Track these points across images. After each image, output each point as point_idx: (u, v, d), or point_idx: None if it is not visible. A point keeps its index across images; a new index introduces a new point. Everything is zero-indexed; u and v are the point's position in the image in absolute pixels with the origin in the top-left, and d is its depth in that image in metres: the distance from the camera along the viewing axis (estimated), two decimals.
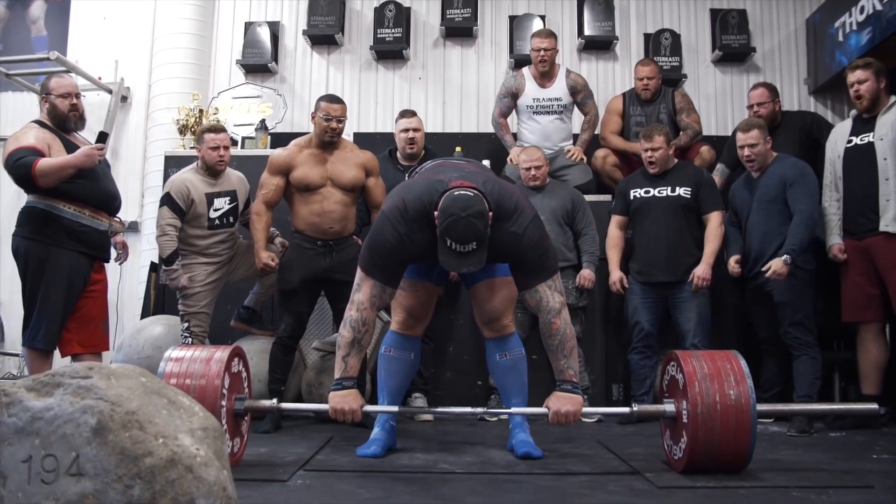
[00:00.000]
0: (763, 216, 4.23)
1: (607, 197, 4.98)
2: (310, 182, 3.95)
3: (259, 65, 6.38)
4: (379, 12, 6.42)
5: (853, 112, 4.30)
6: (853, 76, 4.18)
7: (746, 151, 4.25)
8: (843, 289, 4.24)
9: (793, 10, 6.53)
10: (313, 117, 4.02)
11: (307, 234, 3.99)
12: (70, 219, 3.82)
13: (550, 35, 5.21)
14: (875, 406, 3.05)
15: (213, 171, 4.27)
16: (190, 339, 4.12)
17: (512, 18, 6.48)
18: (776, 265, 3.99)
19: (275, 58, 6.44)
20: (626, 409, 2.93)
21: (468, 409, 3.09)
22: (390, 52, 6.42)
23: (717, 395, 2.63)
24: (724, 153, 5.03)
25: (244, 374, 3.01)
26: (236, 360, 2.91)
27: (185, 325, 4.19)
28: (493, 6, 6.58)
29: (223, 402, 2.72)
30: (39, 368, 3.78)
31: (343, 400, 2.81)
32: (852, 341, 4.32)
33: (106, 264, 4.18)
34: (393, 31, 6.36)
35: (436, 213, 2.71)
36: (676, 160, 4.57)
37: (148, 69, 6.46)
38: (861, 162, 4.12)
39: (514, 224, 2.83)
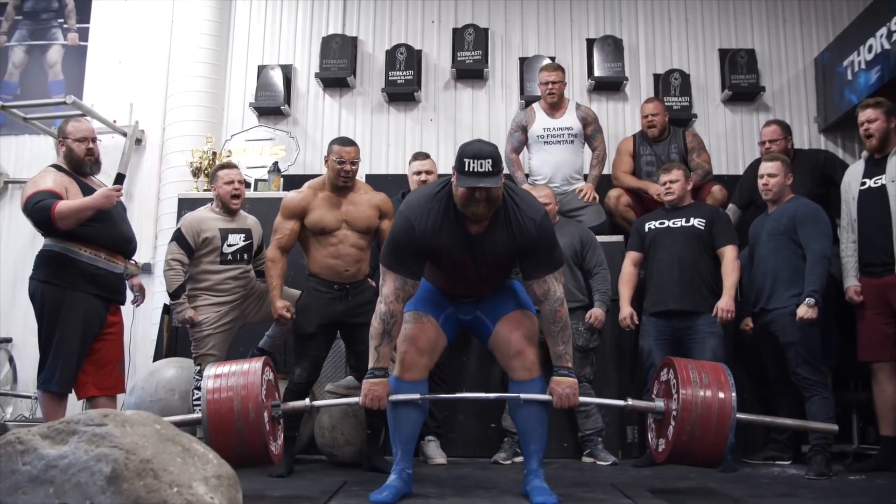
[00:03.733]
0: (770, 251, 4.23)
1: (620, 237, 4.97)
2: (325, 225, 3.93)
3: (272, 107, 6.45)
4: (390, 55, 6.50)
5: (865, 153, 4.30)
6: (863, 115, 4.19)
7: (765, 180, 4.27)
8: (858, 328, 4.21)
9: (801, 50, 6.58)
10: (326, 161, 4.00)
11: (323, 277, 3.96)
12: (86, 262, 3.83)
13: (558, 68, 5.26)
14: (835, 427, 3.28)
15: (228, 209, 4.30)
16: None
17: (522, 60, 6.54)
18: (802, 311, 3.95)
19: (287, 100, 6.51)
20: (620, 402, 3.17)
21: (482, 395, 3.30)
22: (402, 95, 6.49)
23: (705, 398, 2.92)
24: (736, 194, 5.03)
25: (274, 382, 3.22)
26: (267, 369, 3.13)
27: (198, 367, 4.18)
28: (503, 48, 6.65)
29: (265, 410, 2.94)
30: (54, 412, 3.77)
31: (374, 388, 3.00)
32: (869, 381, 4.27)
33: (121, 306, 4.18)
34: (404, 73, 6.44)
35: (452, 168, 2.91)
36: (693, 200, 4.57)
37: (162, 112, 6.55)
38: (875, 204, 4.11)
39: (532, 210, 3.01)
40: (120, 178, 4.08)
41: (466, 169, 2.81)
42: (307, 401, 3.17)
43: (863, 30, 5.66)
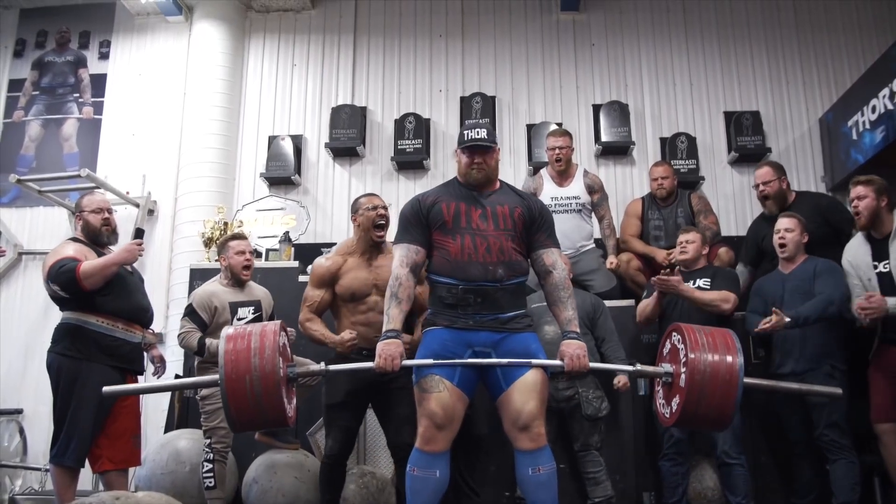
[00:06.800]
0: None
1: (631, 301, 4.95)
2: (355, 290, 3.82)
3: (282, 177, 6.54)
4: (399, 124, 6.60)
5: (858, 234, 4.25)
6: (853, 192, 4.14)
7: (781, 234, 4.28)
8: (871, 390, 4.11)
9: (805, 110, 6.66)
10: (355, 219, 3.91)
11: None
12: (103, 332, 3.84)
13: (565, 134, 5.25)
14: (839, 390, 3.23)
15: (238, 280, 4.32)
16: (212, 455, 4.08)
17: (529, 127, 6.63)
18: (775, 319, 3.95)
19: (298, 170, 6.60)
20: (629, 367, 3.23)
21: (493, 360, 3.10)
22: (411, 163, 6.57)
23: (713, 360, 2.94)
24: (743, 252, 5.00)
25: (287, 345, 3.17)
26: (283, 334, 3.08)
27: (207, 440, 4.14)
28: (510, 115, 6.75)
29: (281, 372, 2.93)
30: (66, 486, 3.74)
31: (387, 347, 3.04)
32: None
33: (138, 377, 4.13)
34: (413, 142, 6.53)
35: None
36: (706, 264, 4.58)
37: (174, 183, 6.66)
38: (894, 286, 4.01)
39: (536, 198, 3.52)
40: (140, 233, 4.10)
41: (465, 139, 3.24)
42: (322, 364, 3.12)
43: (866, 90, 5.73)
